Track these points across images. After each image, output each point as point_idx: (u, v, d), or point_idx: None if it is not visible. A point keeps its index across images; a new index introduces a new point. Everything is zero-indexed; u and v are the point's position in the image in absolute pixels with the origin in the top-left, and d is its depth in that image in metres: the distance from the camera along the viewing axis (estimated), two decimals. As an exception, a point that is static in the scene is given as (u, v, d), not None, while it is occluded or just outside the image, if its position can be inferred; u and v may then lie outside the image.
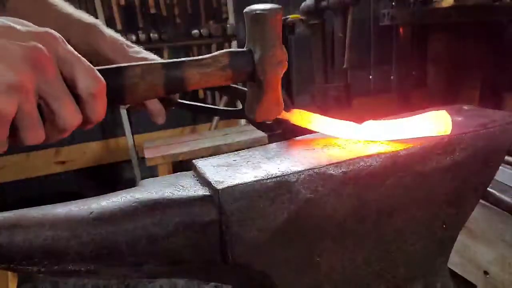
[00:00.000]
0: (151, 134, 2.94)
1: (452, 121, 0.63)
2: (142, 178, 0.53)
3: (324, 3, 2.19)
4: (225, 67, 0.52)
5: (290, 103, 0.59)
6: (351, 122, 0.58)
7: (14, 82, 0.37)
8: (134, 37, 2.61)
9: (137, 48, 0.66)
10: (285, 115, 0.59)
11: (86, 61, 0.43)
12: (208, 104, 2.95)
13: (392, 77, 3.53)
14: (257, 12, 0.51)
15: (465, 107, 0.69)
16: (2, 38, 0.37)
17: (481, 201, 1.35)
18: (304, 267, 0.52)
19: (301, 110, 0.59)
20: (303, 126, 0.59)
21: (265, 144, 0.61)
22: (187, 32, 2.82)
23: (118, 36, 0.66)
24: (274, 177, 0.46)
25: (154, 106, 0.63)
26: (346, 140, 0.58)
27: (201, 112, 0.68)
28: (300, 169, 0.48)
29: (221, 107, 0.66)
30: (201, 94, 2.90)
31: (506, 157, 1.43)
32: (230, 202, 0.45)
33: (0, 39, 0.37)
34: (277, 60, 0.52)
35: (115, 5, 2.61)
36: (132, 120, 2.78)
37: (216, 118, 2.93)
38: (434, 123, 0.52)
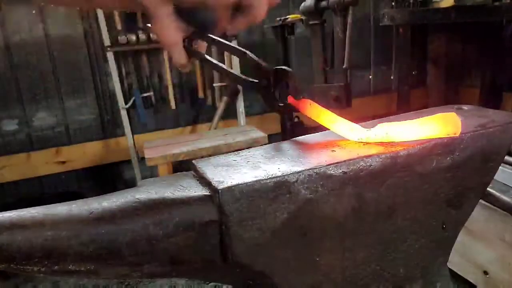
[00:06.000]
0: (151, 134, 2.94)
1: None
2: (142, 178, 0.54)
3: (324, 3, 2.19)
4: None
5: (303, 92, 0.59)
6: (358, 125, 0.57)
7: None
8: (134, 37, 2.61)
9: None
10: (295, 103, 0.58)
11: None
12: (209, 105, 2.96)
13: (392, 77, 3.53)
14: None
15: (465, 107, 0.69)
16: None
17: (481, 201, 1.35)
18: (304, 267, 0.52)
19: (312, 101, 0.59)
20: (311, 117, 0.58)
21: (265, 144, 0.61)
22: (187, 32, 2.81)
23: None
24: (274, 177, 0.46)
25: (180, 55, 0.66)
26: (346, 140, 0.58)
27: (220, 71, 0.69)
28: (300, 169, 0.48)
29: (240, 75, 0.66)
30: (200, 94, 2.90)
31: (506, 157, 1.43)
32: (230, 202, 0.45)
33: None
34: None
35: (116, 5, 2.61)
36: (132, 120, 2.79)
37: (216, 118, 2.93)
38: (444, 125, 0.52)
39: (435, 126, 0.53)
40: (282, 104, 0.59)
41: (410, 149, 0.53)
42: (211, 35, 0.68)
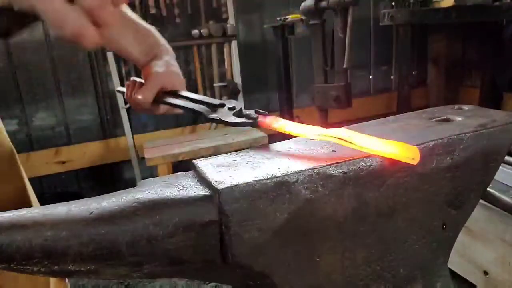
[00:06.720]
0: (151, 134, 2.94)
1: (451, 121, 0.63)
2: (142, 178, 0.54)
3: (324, 3, 2.19)
4: None
5: (265, 111, 0.63)
6: (320, 128, 0.56)
7: None
8: (134, 37, 2.61)
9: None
10: (264, 122, 0.61)
11: None
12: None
13: (392, 77, 3.54)
14: None
15: (465, 107, 0.69)
16: None
17: (481, 201, 1.35)
18: (304, 267, 0.52)
19: (276, 117, 0.62)
20: (281, 131, 0.60)
21: (265, 144, 0.61)
22: (187, 32, 2.82)
23: None
24: (274, 177, 0.46)
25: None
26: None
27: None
28: (300, 169, 0.48)
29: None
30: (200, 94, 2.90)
31: (506, 157, 1.43)
32: (230, 202, 0.45)
33: None
34: None
35: (115, 5, 2.61)
36: (132, 120, 2.79)
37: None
38: (403, 151, 0.51)
39: (394, 148, 0.50)
40: (248, 120, 0.64)
41: (410, 149, 0.53)
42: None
